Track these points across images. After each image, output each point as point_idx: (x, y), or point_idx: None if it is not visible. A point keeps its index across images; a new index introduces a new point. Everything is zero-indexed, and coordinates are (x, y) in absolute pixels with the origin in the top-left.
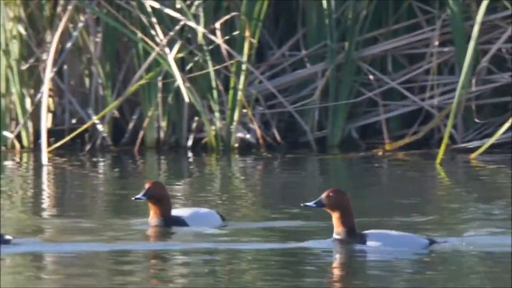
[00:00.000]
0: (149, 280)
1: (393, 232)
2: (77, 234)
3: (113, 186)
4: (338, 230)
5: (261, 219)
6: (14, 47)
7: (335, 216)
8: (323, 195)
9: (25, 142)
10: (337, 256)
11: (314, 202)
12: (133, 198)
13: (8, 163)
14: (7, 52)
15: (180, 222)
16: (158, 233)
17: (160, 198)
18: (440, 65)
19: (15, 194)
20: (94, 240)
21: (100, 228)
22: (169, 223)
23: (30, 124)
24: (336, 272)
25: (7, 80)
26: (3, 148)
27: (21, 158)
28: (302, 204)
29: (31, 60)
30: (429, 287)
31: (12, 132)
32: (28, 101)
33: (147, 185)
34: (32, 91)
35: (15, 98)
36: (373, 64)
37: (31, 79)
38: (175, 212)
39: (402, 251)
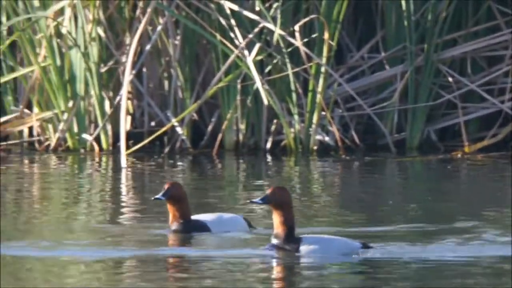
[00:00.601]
0: None
1: (326, 237)
2: (146, 239)
3: (192, 189)
4: (277, 232)
5: (333, 224)
6: (94, 50)
7: (277, 214)
8: (268, 192)
9: (104, 144)
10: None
11: (260, 198)
12: (152, 198)
13: (87, 166)
14: (86, 55)
15: (202, 227)
16: (179, 239)
17: (179, 199)
18: None
19: (93, 198)
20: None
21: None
22: (190, 228)
23: (109, 127)
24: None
25: (87, 83)
26: (82, 150)
27: (100, 161)
28: (248, 201)
29: (110, 63)
30: None
31: (91, 134)
32: (107, 104)
33: (166, 186)
34: (111, 94)
35: (94, 100)
36: (452, 66)
37: (110, 81)
38: (197, 217)
39: (335, 256)
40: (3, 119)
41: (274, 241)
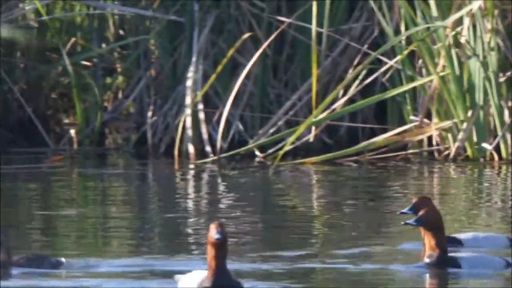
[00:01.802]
0: None
1: (479, 255)
2: None
3: None
4: (431, 253)
5: None
6: (492, 59)
7: (430, 237)
8: (422, 213)
9: (503, 153)
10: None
11: (414, 220)
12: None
13: (486, 175)
14: (485, 64)
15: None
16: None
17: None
18: None
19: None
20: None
21: None
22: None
23: (508, 136)
24: None
25: (486, 92)
26: (481, 159)
27: (499, 170)
28: (403, 223)
29: (509, 72)
30: None
31: (490, 144)
32: (506, 113)
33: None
34: (510, 103)
35: (493, 110)
36: None
37: (509, 90)
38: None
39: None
40: (403, 128)
41: (427, 260)
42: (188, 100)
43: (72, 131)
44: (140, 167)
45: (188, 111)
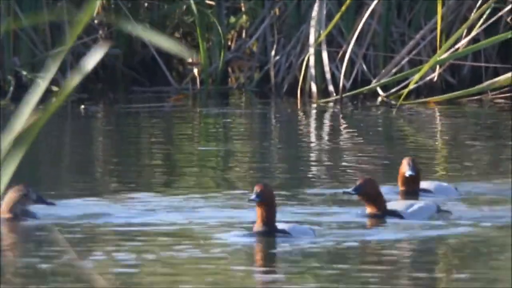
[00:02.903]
0: None
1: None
2: None
3: None
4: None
5: None
6: None
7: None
8: (360, 182)
9: None
10: None
11: (352, 189)
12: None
13: None
14: None
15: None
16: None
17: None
18: None
19: None
20: None
21: None
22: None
23: None
24: None
25: None
26: None
27: None
28: (342, 191)
29: None
30: None
31: None
32: None
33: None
34: None
35: None
36: None
37: None
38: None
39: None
40: None
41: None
42: (311, 39)
43: (195, 70)
44: (262, 106)
45: (312, 50)
